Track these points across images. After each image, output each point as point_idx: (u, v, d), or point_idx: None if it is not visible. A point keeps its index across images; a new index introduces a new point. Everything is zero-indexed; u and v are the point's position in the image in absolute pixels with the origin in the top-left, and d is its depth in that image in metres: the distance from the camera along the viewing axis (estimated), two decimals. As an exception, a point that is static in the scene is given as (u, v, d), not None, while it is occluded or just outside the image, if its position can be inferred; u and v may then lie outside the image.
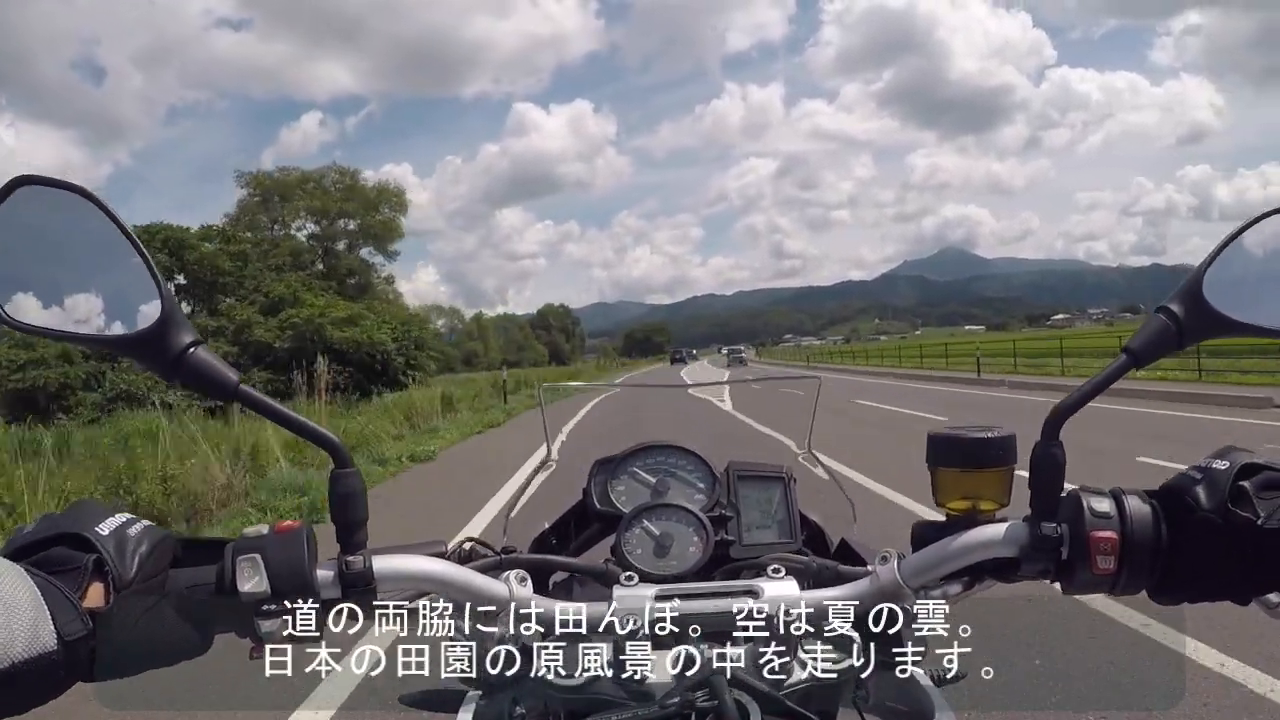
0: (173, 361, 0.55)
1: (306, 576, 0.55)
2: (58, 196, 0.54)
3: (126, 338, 0.55)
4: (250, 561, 0.54)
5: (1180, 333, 0.59)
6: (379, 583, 0.59)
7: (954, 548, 0.62)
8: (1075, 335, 43.74)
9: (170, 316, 0.55)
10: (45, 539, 0.51)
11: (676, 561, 0.77)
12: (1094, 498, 0.59)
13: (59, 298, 0.55)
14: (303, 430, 0.59)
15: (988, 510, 0.66)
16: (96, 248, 0.56)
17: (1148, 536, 0.57)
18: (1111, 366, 0.60)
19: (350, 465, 0.59)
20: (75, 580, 0.49)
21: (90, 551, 0.50)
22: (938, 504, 0.68)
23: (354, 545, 0.59)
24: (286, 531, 0.56)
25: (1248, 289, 0.60)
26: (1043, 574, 0.61)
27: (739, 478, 0.89)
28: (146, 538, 0.53)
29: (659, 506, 0.81)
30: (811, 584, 0.68)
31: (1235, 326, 0.59)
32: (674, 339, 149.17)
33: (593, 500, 0.88)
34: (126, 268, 0.55)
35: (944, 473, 0.67)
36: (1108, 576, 0.58)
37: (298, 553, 0.55)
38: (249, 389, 0.57)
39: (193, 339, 0.56)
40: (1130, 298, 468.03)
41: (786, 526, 0.86)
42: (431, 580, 0.61)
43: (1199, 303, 0.59)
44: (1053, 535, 0.59)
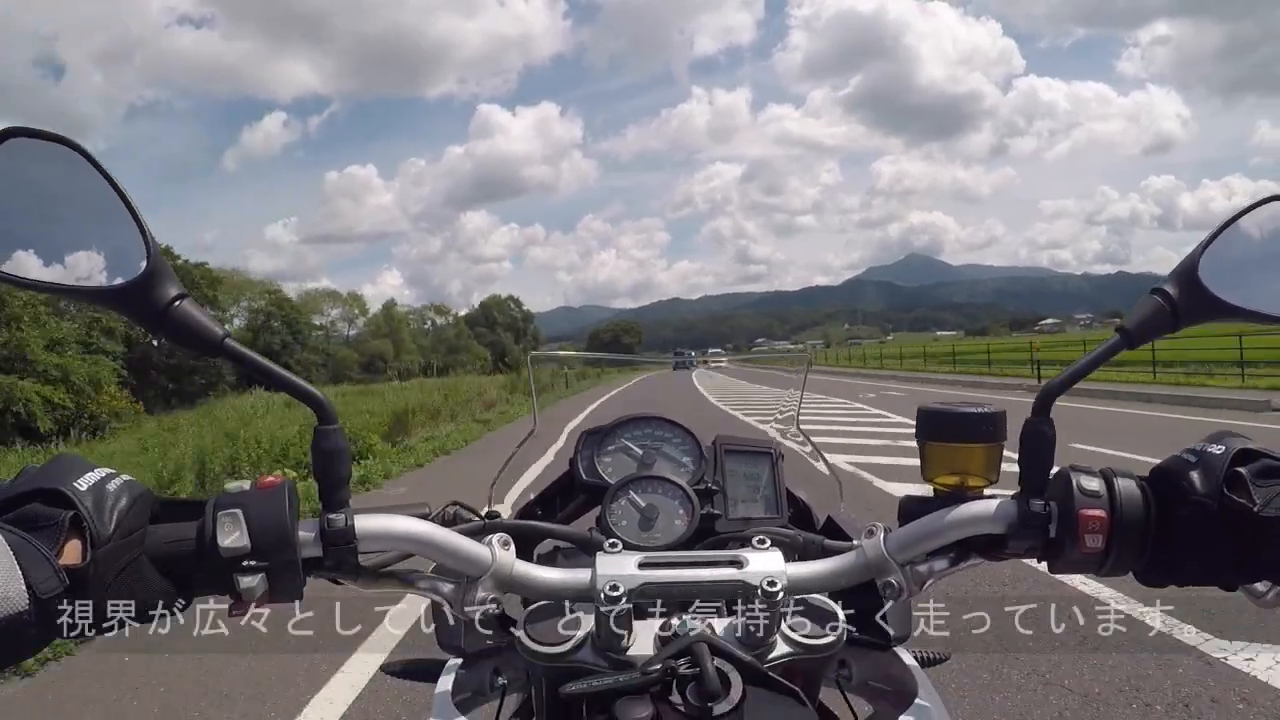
0: (158, 314, 0.55)
1: (288, 533, 0.54)
2: (47, 149, 0.54)
3: (112, 289, 0.54)
4: (231, 517, 0.54)
5: (1175, 314, 0.59)
6: (360, 542, 0.58)
7: (941, 523, 0.62)
8: (1071, 341, 40.90)
9: (156, 270, 0.54)
10: (21, 494, 0.50)
11: (662, 534, 0.77)
12: (1084, 476, 0.58)
13: (46, 250, 0.55)
14: (287, 386, 0.58)
15: (976, 486, 0.66)
16: (84, 201, 0.55)
17: (1137, 517, 0.57)
18: (1103, 346, 0.60)
19: (334, 422, 0.58)
20: (51, 537, 0.48)
21: (68, 508, 0.50)
22: (926, 479, 0.68)
23: (336, 503, 0.58)
24: (269, 488, 0.56)
25: (1244, 273, 0.60)
26: (1030, 552, 0.61)
27: (726, 452, 0.89)
28: (125, 492, 0.53)
29: (645, 479, 0.82)
30: (798, 558, 0.67)
31: (1231, 310, 0.59)
32: (645, 341, 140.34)
33: (579, 471, 0.89)
34: (114, 221, 0.55)
35: (933, 447, 0.67)
36: (1095, 556, 0.58)
37: (279, 509, 0.55)
38: (234, 343, 0.57)
39: (178, 292, 0.55)
40: (1099, 304, 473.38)
41: (773, 502, 0.87)
42: (414, 541, 0.60)
43: (1195, 285, 0.59)
44: (1041, 512, 0.59)
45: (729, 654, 0.55)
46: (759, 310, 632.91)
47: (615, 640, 0.58)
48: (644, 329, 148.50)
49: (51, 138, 0.54)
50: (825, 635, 0.60)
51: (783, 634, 0.60)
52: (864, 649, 0.73)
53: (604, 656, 0.59)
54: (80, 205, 0.56)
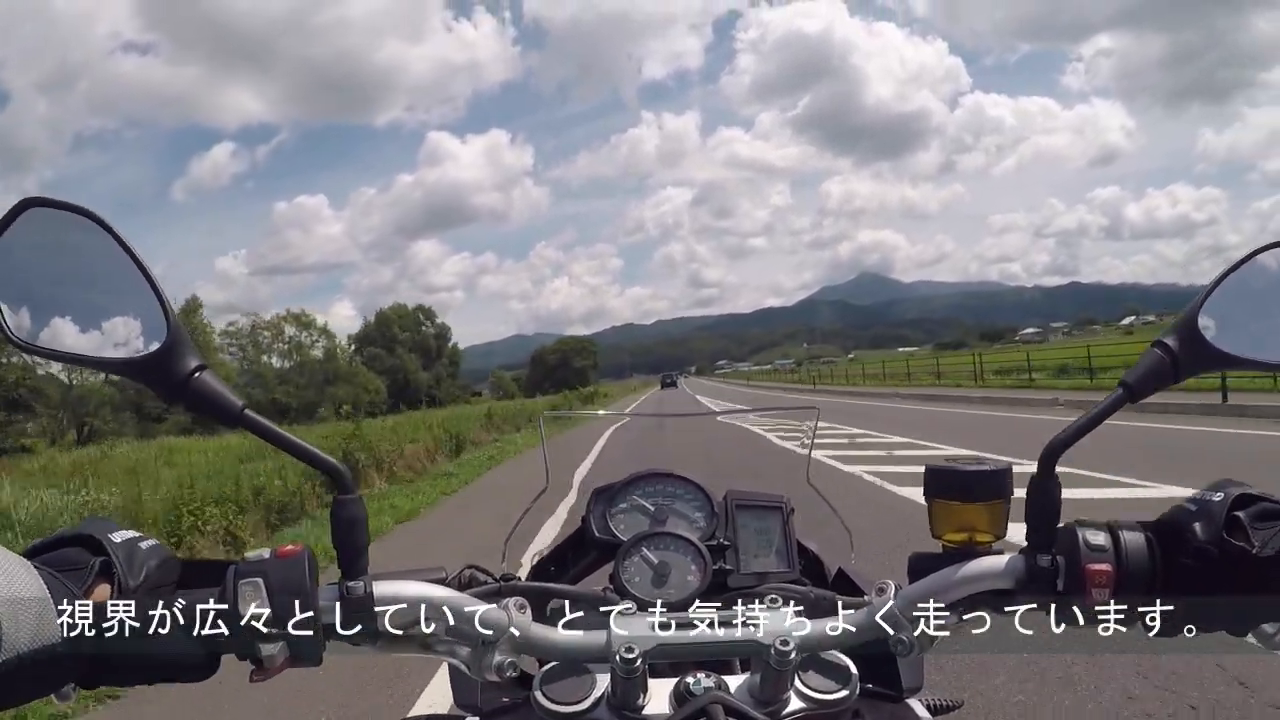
0: (178, 385, 0.56)
1: (308, 600, 0.56)
2: (65, 219, 0.55)
3: (133, 361, 0.56)
4: (252, 585, 0.55)
5: (1175, 366, 0.61)
6: (379, 607, 0.60)
7: (951, 579, 0.64)
8: (1070, 348, 38.38)
9: (177, 340, 0.56)
10: (58, 539, 0.54)
11: (674, 590, 0.77)
12: (1090, 530, 0.60)
13: (66, 320, 0.56)
14: (307, 456, 0.60)
15: (984, 542, 0.68)
16: (103, 271, 0.57)
17: (1143, 569, 0.59)
18: (1106, 401, 0.61)
19: (354, 491, 0.60)
20: (81, 579, 0.51)
21: (100, 554, 0.53)
22: (934, 535, 0.70)
23: (355, 570, 0.59)
24: (288, 556, 0.57)
25: (1243, 323, 0.62)
26: (1039, 606, 0.62)
27: (737, 507, 0.91)
28: (155, 553, 0.56)
29: (657, 535, 0.82)
30: (809, 613, 0.68)
31: (1231, 360, 0.61)
32: (601, 365, 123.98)
33: (591, 528, 0.90)
34: (133, 291, 0.56)
35: (940, 504, 0.69)
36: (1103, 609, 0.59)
37: (299, 576, 0.56)
38: (253, 415, 0.58)
39: (198, 363, 0.57)
40: (1054, 314, 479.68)
41: (784, 556, 0.88)
42: (431, 606, 0.62)
43: (1194, 336, 0.61)
44: (1048, 567, 0.61)
45: (743, 713, 0.56)
46: (714, 333, 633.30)
47: (631, 700, 0.60)
48: (600, 352, 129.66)
49: (70, 208, 0.55)
50: (838, 690, 0.60)
51: (796, 690, 0.61)
52: (877, 700, 0.74)
53: (620, 716, 0.60)
54: (99, 275, 0.57)
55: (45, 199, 0.55)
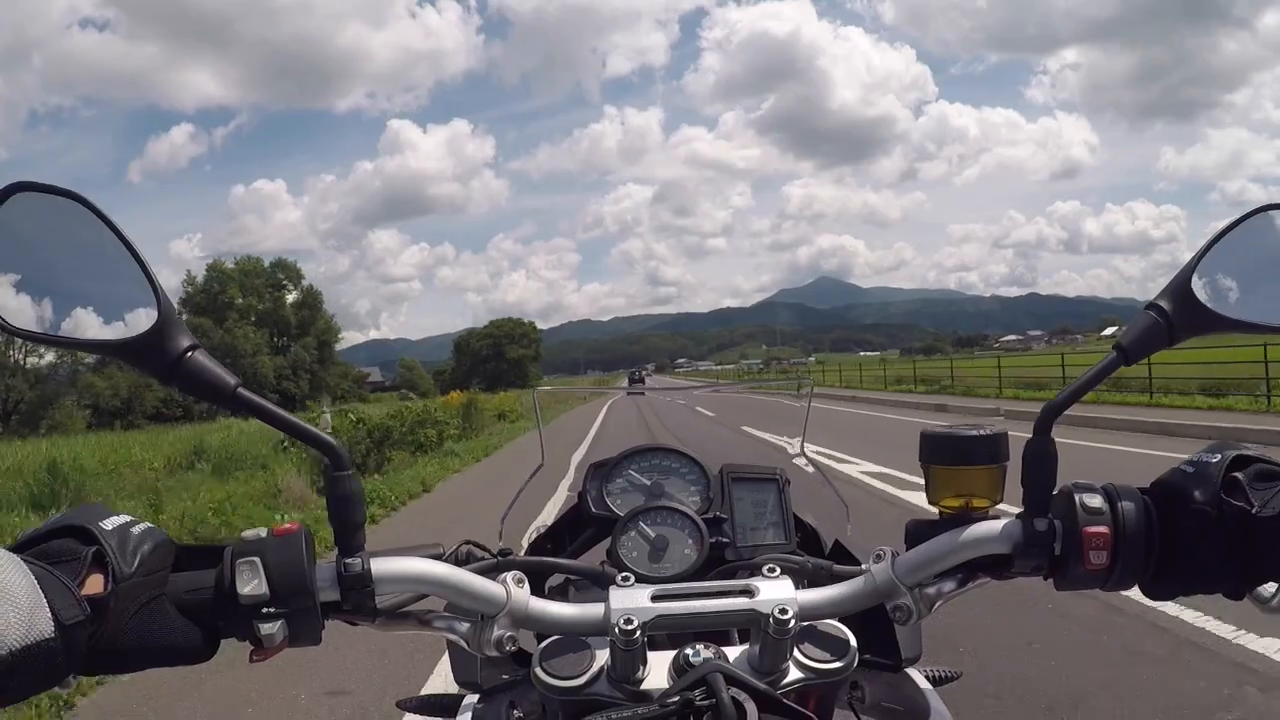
0: (170, 366, 0.56)
1: (305, 579, 0.56)
2: (54, 202, 0.56)
3: (124, 342, 0.56)
4: (249, 564, 0.55)
5: (1170, 329, 0.61)
6: (377, 584, 0.60)
7: (948, 545, 0.64)
8: (1050, 356, 34.34)
9: (168, 321, 0.56)
10: (48, 531, 0.53)
11: (672, 564, 0.79)
12: (1086, 493, 0.60)
13: (56, 303, 0.56)
14: (300, 433, 0.60)
15: (980, 507, 0.68)
16: (93, 253, 0.57)
17: (1140, 531, 0.59)
18: (1101, 363, 0.62)
19: (348, 468, 0.59)
20: (74, 570, 0.51)
21: (92, 544, 0.52)
22: (931, 502, 0.70)
23: (352, 548, 0.59)
24: (285, 534, 0.57)
25: (1236, 285, 0.63)
26: (1036, 570, 0.63)
27: (733, 480, 0.91)
28: (149, 537, 0.55)
29: (654, 509, 0.83)
30: (807, 584, 0.70)
31: (1225, 323, 0.61)
32: (545, 362, 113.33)
33: (588, 503, 0.91)
34: (123, 273, 0.56)
35: (937, 470, 0.69)
36: (1100, 572, 0.59)
37: (296, 555, 0.56)
38: (247, 392, 0.58)
39: (190, 343, 0.57)
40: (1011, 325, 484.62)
41: (781, 528, 0.89)
42: (429, 582, 0.62)
43: (1189, 299, 0.61)
44: (1046, 531, 0.61)
45: (743, 683, 0.56)
46: (671, 331, 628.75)
47: (631, 672, 0.60)
48: (555, 350, 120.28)
49: (57, 191, 0.55)
50: (837, 659, 0.60)
51: (795, 660, 0.61)
52: (876, 670, 0.76)
53: (620, 689, 0.60)
54: (88, 258, 0.57)
55: (34, 183, 0.55)
